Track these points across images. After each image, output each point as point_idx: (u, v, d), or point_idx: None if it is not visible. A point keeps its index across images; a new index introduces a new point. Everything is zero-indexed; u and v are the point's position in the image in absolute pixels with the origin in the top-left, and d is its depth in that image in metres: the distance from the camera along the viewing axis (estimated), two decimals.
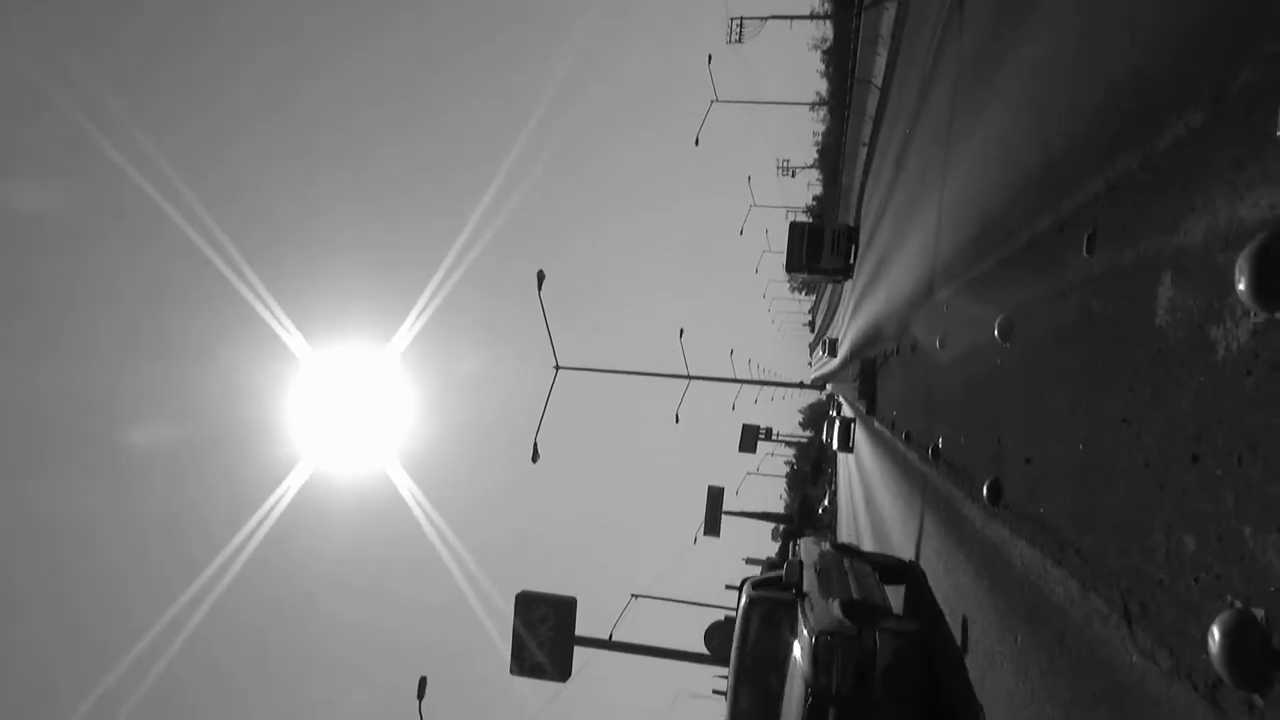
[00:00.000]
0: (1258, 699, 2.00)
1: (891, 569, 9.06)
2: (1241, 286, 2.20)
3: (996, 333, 5.31)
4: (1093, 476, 3.49)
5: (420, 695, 24.77)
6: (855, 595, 7.20)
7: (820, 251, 25.56)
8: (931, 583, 7.67)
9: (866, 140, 28.13)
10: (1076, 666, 3.35)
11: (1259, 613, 2.01)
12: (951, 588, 6.65)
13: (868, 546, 13.78)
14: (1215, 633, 2.17)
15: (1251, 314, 2.23)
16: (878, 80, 23.20)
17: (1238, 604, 2.13)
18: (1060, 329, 4.24)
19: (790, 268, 26.86)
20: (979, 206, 7.32)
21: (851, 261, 25.68)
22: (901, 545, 10.16)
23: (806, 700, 6.14)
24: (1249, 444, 2.21)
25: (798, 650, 6.75)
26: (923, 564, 8.33)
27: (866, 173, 29.05)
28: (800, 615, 7.03)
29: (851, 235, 25.26)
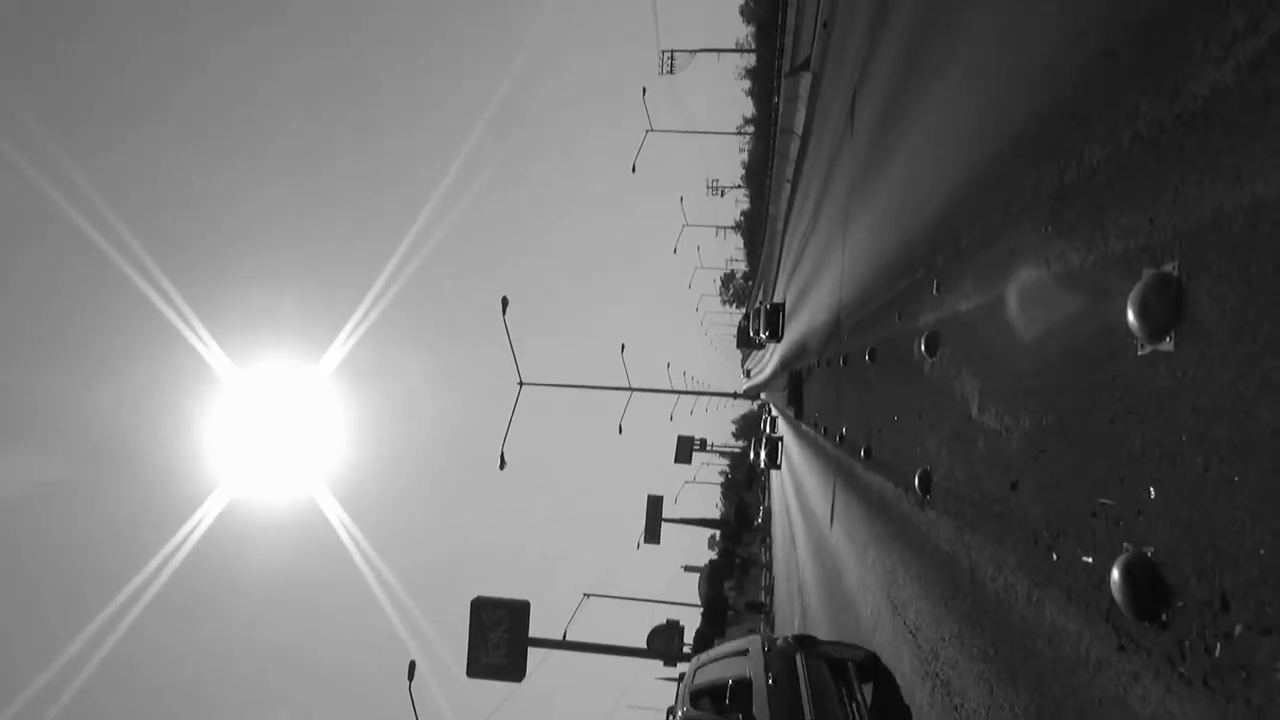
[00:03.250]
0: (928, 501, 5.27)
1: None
2: (926, 353, 5.49)
3: (867, 357, 8.66)
4: (901, 436, 6.81)
5: (410, 678, 27.27)
6: (773, 436, 8.38)
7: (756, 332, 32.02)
8: (839, 509, 11.06)
9: (790, 178, 31.86)
10: (880, 509, 6.67)
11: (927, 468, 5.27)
12: (849, 510, 10.00)
13: (796, 517, 17.22)
14: (917, 477, 5.46)
15: (930, 358, 5.50)
16: (798, 130, 26.88)
17: (929, 468, 5.40)
18: (895, 358, 7.56)
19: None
20: (863, 271, 10.73)
21: (780, 331, 29.98)
22: (819, 506, 13.54)
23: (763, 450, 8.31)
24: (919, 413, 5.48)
25: (764, 443, 8.25)
26: (832, 504, 11.75)
27: (790, 206, 32.80)
28: (767, 439, 8.11)
29: (779, 309, 30.28)
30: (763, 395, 60.64)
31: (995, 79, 4.94)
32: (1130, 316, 2.50)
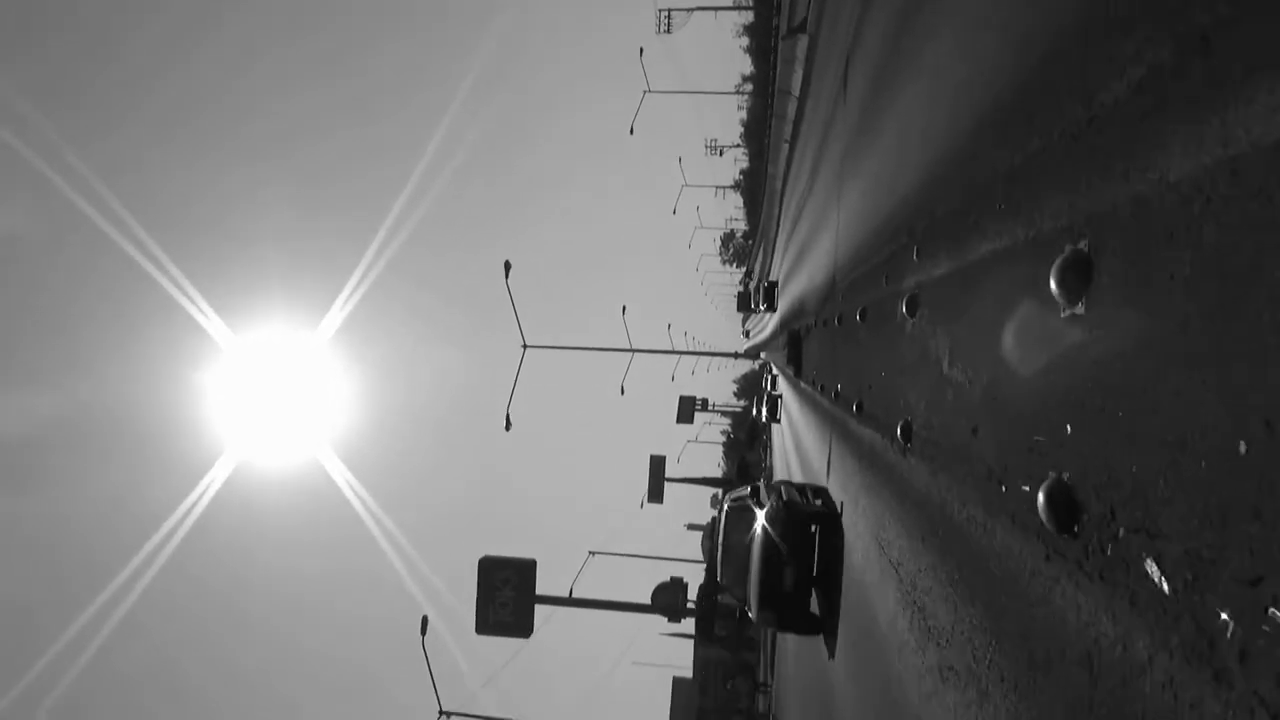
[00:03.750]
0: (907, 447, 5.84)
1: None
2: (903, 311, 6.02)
3: (858, 316, 9.19)
4: (888, 391, 7.36)
5: (423, 633, 28.22)
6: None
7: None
8: (835, 462, 11.67)
9: (788, 138, 32.09)
10: (869, 460, 7.26)
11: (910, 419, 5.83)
12: (843, 461, 10.62)
13: (796, 471, 17.94)
14: (903, 427, 6.02)
15: (911, 318, 6.04)
16: (796, 91, 27.10)
17: (910, 419, 5.96)
18: (885, 319, 8.09)
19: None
20: (857, 234, 11.22)
21: (775, 303, 32.64)
22: (817, 460, 14.17)
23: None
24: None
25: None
26: (829, 458, 12.37)
27: (789, 165, 33.06)
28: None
29: (773, 287, 33.54)
30: (763, 355, 61.16)
31: (968, 64, 5.41)
32: (1053, 285, 3.03)
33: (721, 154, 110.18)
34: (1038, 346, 3.36)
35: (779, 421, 29.85)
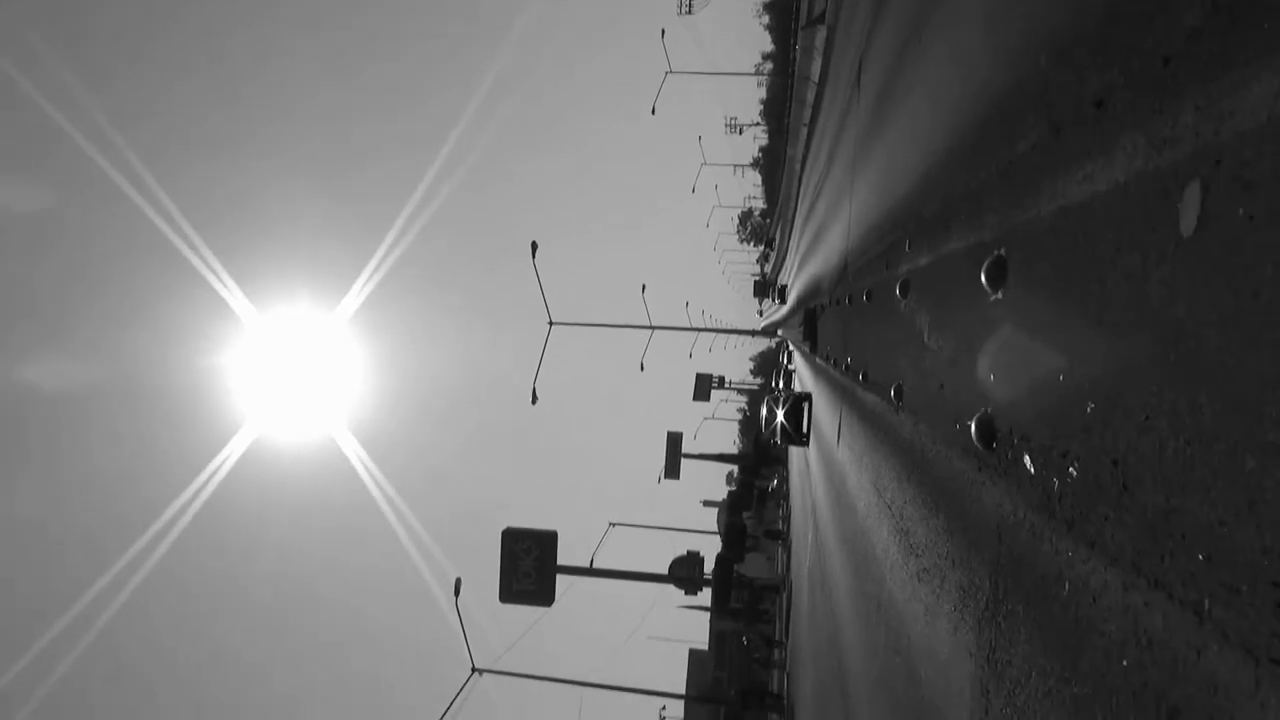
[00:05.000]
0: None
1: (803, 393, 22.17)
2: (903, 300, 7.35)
3: (865, 298, 10.50)
4: (882, 357, 8.69)
5: (456, 593, 29.87)
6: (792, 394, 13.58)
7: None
8: (844, 429, 13.06)
9: (807, 122, 33.18)
10: (872, 420, 8.61)
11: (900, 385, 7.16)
12: (852, 427, 11.98)
13: (810, 445, 19.51)
14: (894, 389, 7.36)
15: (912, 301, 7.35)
16: (815, 78, 28.19)
17: (902, 383, 7.30)
18: (886, 299, 9.40)
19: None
20: (866, 222, 12.50)
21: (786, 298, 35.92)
22: (829, 429, 15.55)
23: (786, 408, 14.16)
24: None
25: (779, 405, 14.18)
26: (841, 418, 13.80)
27: (807, 148, 34.17)
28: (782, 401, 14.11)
29: (784, 288, 36.58)
30: (780, 332, 62.32)
31: (950, 90, 6.69)
32: (983, 279, 4.37)
33: (741, 132, 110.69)
34: (975, 321, 4.70)
35: (807, 442, 22.05)
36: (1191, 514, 2.22)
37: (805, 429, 20.53)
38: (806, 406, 20.57)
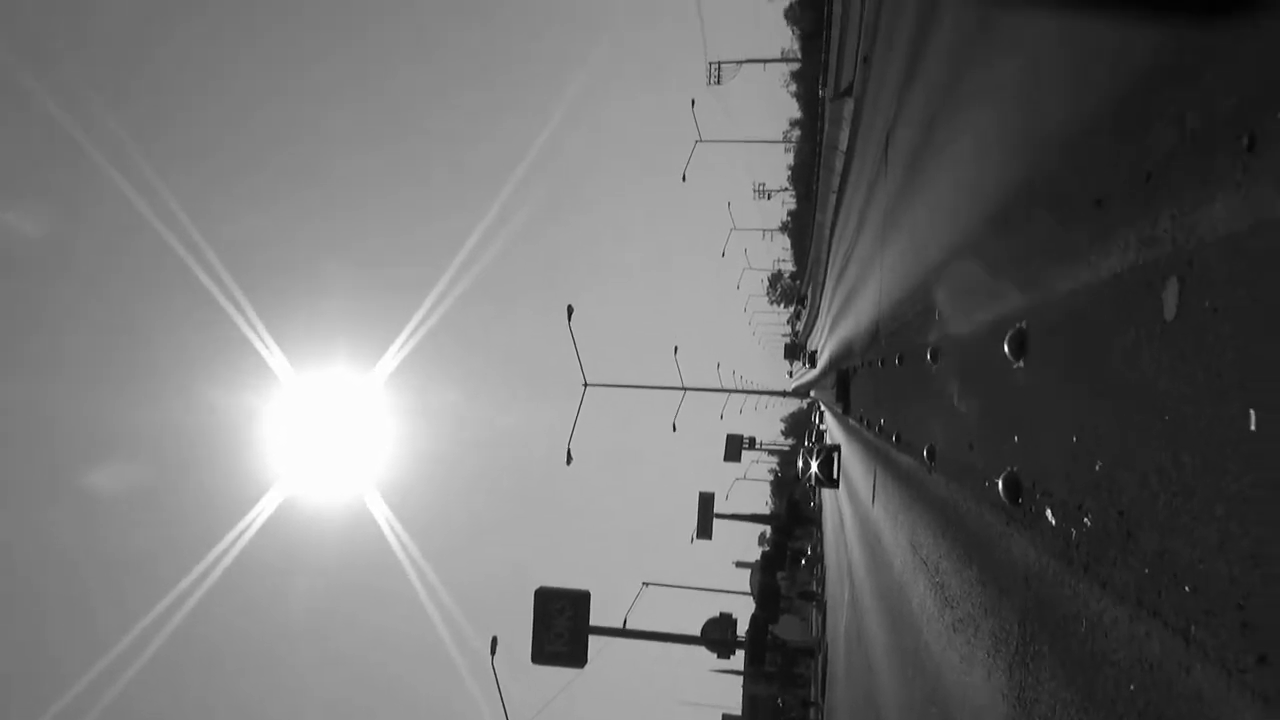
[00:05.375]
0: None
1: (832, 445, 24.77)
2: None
3: (897, 360, 10.95)
4: (914, 419, 9.11)
5: (493, 652, 30.00)
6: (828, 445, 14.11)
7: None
8: (879, 489, 13.38)
9: (835, 189, 33.98)
10: (906, 480, 8.99)
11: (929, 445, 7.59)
12: (886, 487, 12.32)
13: (845, 505, 19.71)
14: (926, 448, 7.77)
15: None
16: (842, 147, 29.02)
17: (934, 444, 7.71)
18: (918, 364, 9.85)
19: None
20: (896, 290, 13.02)
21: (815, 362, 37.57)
22: (863, 489, 15.84)
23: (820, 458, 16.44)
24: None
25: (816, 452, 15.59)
26: (876, 479, 14.12)
27: (836, 214, 34.93)
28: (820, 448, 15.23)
29: (813, 355, 38.55)
30: (812, 393, 62.50)
31: (972, 175, 7.25)
32: (1006, 349, 4.85)
33: (769, 197, 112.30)
34: (1000, 387, 5.17)
35: (837, 485, 24.78)
36: (1179, 554, 2.67)
37: (835, 475, 23.82)
38: (836, 456, 23.79)
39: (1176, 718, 2.61)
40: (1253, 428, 2.19)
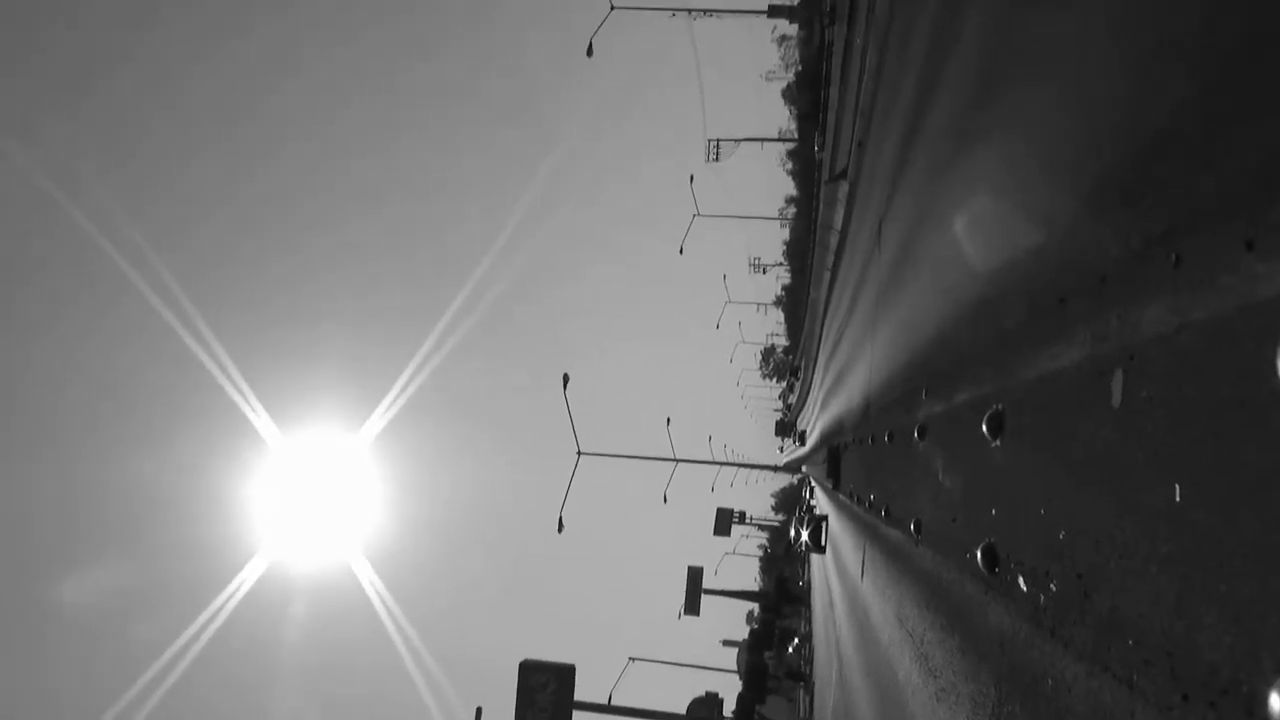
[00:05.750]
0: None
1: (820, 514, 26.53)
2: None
3: (886, 438, 11.35)
4: (902, 494, 9.47)
5: None
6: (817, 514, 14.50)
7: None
8: (868, 564, 13.63)
9: (830, 266, 34.84)
10: (894, 554, 9.29)
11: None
12: (874, 561, 12.58)
13: (834, 581, 19.82)
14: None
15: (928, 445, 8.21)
16: (837, 227, 29.91)
17: (920, 518, 8.07)
18: (906, 442, 10.25)
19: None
20: (886, 369, 13.50)
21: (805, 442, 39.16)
22: (852, 564, 16.05)
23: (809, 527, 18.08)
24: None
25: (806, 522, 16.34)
26: (864, 555, 14.35)
27: (830, 291, 35.75)
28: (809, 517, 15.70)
29: (802, 435, 40.44)
30: (803, 468, 62.59)
31: (952, 270, 7.77)
32: (984, 428, 5.26)
33: (765, 272, 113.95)
34: (979, 464, 5.57)
35: (824, 550, 26.94)
36: (1125, 611, 3.04)
37: (823, 542, 26.60)
38: (824, 525, 26.48)
39: None
40: (1177, 499, 2.60)
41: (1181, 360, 2.72)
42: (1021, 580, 4.50)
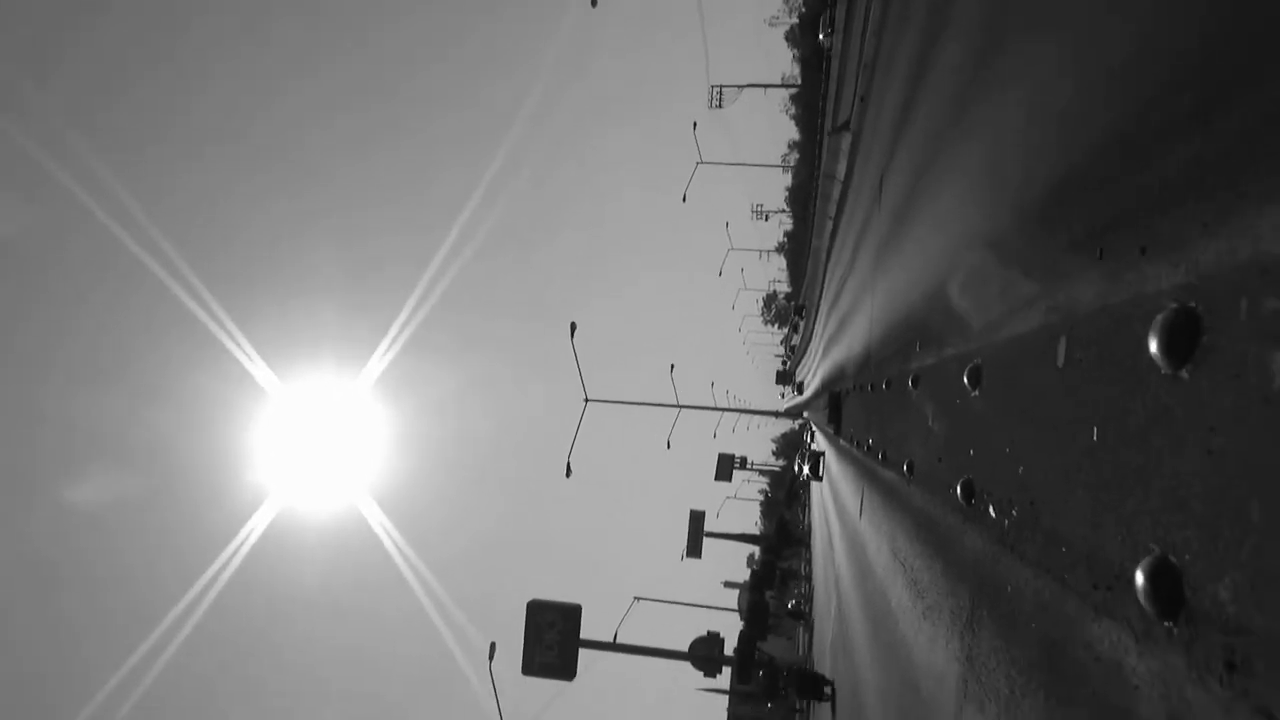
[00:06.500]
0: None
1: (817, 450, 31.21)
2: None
3: (884, 386, 12.16)
4: (898, 438, 10.32)
5: (490, 657, 30.96)
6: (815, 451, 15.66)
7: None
8: (866, 504, 14.58)
9: (832, 215, 35.36)
10: (890, 493, 10.19)
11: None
12: (872, 501, 13.51)
13: (834, 522, 20.86)
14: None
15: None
16: (839, 177, 30.39)
17: (913, 459, 8.91)
18: (901, 390, 11.06)
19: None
20: (885, 319, 14.27)
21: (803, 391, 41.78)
22: (851, 505, 17.02)
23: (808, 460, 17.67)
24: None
25: (806, 457, 17.26)
26: (863, 496, 15.30)
27: (832, 241, 36.30)
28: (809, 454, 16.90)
29: (800, 385, 43.59)
30: (805, 414, 63.71)
31: (951, 224, 8.48)
32: (965, 380, 6.05)
33: (767, 219, 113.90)
34: (962, 411, 6.38)
35: (821, 479, 32.77)
36: (1060, 528, 3.86)
37: (820, 472, 32.01)
38: (821, 459, 32.53)
39: (1058, 636, 3.80)
40: (1094, 439, 3.39)
41: (1100, 333, 3.49)
42: (991, 509, 5.33)
